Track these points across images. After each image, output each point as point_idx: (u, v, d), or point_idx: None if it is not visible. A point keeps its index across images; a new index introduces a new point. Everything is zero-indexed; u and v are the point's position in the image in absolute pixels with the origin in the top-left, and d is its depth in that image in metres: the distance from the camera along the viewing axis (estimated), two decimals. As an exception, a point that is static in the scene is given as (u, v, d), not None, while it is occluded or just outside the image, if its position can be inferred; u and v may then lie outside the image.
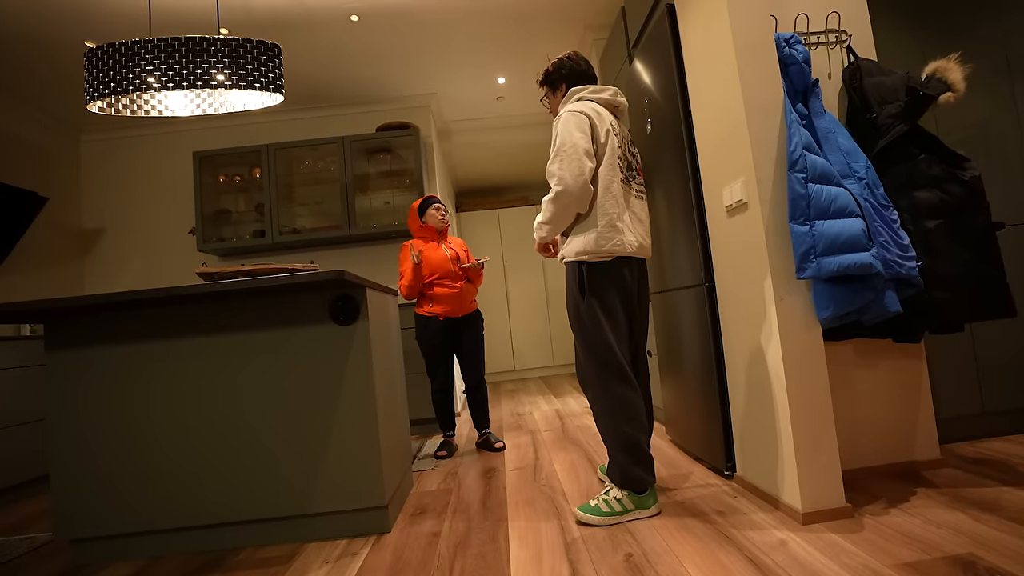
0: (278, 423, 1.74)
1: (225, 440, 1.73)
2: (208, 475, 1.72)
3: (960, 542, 1.29)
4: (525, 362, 6.16)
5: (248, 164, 3.88)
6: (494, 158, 5.73)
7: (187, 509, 1.72)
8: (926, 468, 1.81)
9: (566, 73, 1.84)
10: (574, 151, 1.62)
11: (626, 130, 1.82)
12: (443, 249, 2.72)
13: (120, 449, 1.73)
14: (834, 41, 1.84)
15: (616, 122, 1.76)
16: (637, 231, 1.71)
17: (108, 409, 1.74)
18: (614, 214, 1.65)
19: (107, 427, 1.74)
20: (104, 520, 1.71)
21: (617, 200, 1.66)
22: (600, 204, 1.66)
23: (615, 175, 1.67)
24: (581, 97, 1.77)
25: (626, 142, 1.78)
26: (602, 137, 1.67)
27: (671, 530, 1.53)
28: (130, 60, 2.17)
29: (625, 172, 1.72)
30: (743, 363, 1.75)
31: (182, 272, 4.06)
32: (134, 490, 1.72)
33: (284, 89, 2.38)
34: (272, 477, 1.72)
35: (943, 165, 1.60)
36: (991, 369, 2.05)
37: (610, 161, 1.67)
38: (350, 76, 3.85)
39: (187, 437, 1.74)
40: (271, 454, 1.73)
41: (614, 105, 1.79)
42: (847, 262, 1.43)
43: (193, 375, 1.76)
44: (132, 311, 1.77)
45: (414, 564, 1.48)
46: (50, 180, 3.82)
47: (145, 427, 1.74)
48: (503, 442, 2.77)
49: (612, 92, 1.79)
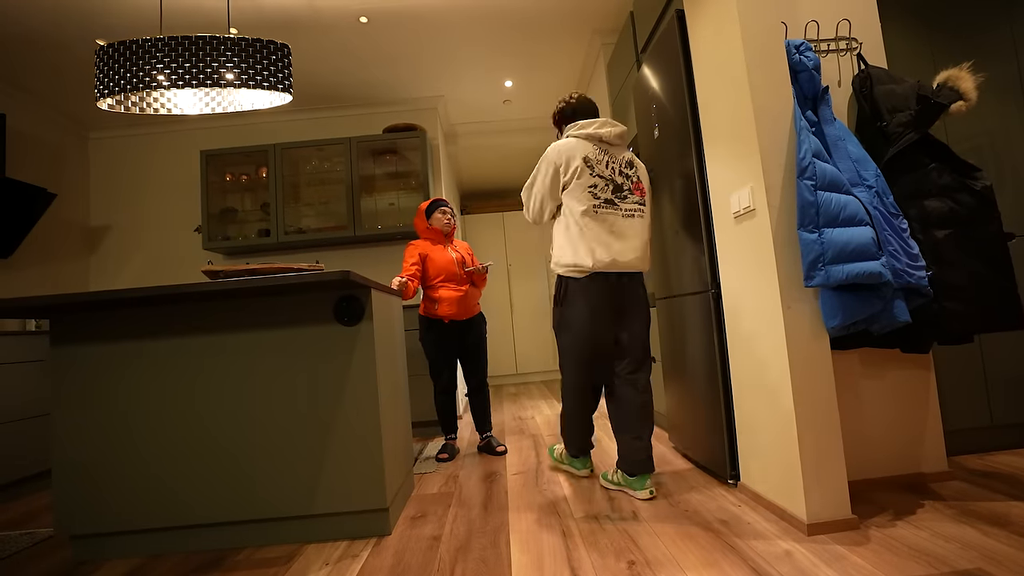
0: (280, 423, 1.74)
1: (227, 439, 1.73)
2: (209, 474, 1.72)
3: (968, 556, 1.27)
4: (528, 366, 6.14)
5: (255, 163, 3.89)
6: (500, 161, 5.74)
7: (188, 507, 1.71)
8: (933, 480, 1.78)
9: (570, 112, 2.13)
10: (537, 202, 2.07)
11: (622, 152, 2.05)
12: (449, 252, 2.72)
13: (123, 446, 1.73)
14: (844, 48, 1.83)
15: (599, 150, 2.00)
16: (612, 248, 1.93)
17: (111, 406, 1.74)
18: (580, 238, 1.93)
19: (110, 424, 1.74)
20: (105, 517, 1.71)
21: (584, 225, 1.93)
22: (569, 229, 1.96)
23: (586, 202, 1.94)
24: (569, 134, 2.05)
25: (618, 165, 2.01)
26: (569, 174, 1.95)
27: (674, 538, 1.52)
28: (140, 58, 2.18)
29: (609, 195, 1.96)
30: (749, 371, 1.74)
31: (187, 270, 4.07)
32: (136, 487, 1.72)
33: (292, 89, 2.38)
34: (273, 477, 1.72)
35: (954, 175, 1.59)
36: (1000, 381, 2.03)
37: (579, 191, 1.94)
38: (358, 77, 3.86)
39: (189, 435, 1.73)
40: (273, 454, 1.72)
41: (597, 137, 2.02)
42: (856, 271, 1.42)
43: (197, 373, 1.75)
44: (138, 308, 1.77)
45: (414, 568, 1.47)
46: (59, 177, 3.85)
47: (147, 425, 1.74)
48: (504, 446, 2.76)
49: (597, 126, 2.02)
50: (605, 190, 1.95)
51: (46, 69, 3.33)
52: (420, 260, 2.64)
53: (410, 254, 2.67)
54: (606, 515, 1.74)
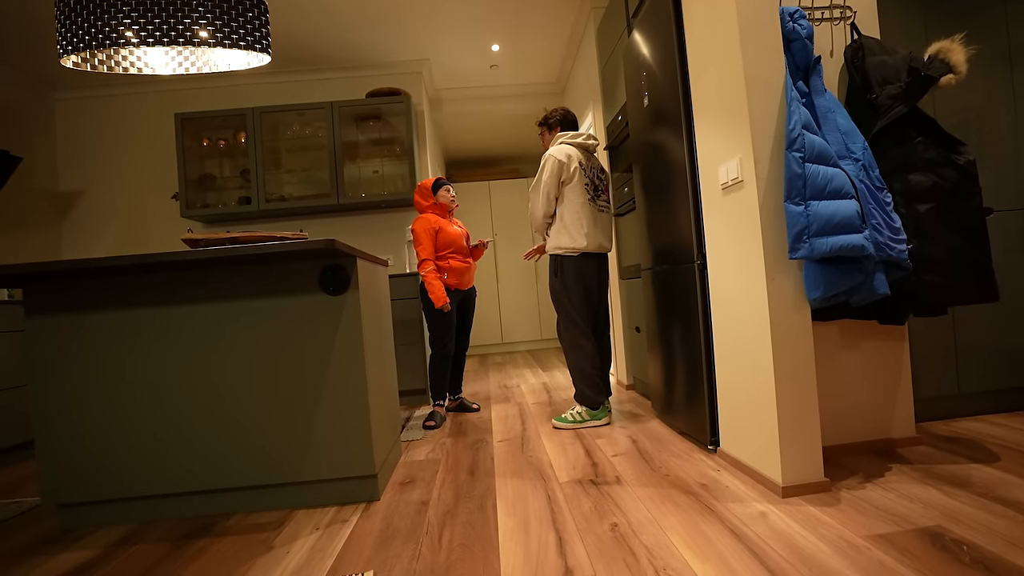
0: (267, 392, 1.73)
1: (213, 408, 1.73)
2: (196, 443, 1.72)
3: (930, 515, 1.34)
4: (513, 335, 6.20)
5: (233, 128, 3.76)
6: (486, 128, 5.63)
7: (175, 476, 1.72)
8: (902, 445, 1.87)
9: (559, 119, 2.63)
10: (546, 193, 2.47)
11: (596, 160, 2.59)
12: (454, 227, 2.90)
13: (105, 416, 1.72)
14: (838, 17, 1.81)
15: (585, 156, 2.52)
16: (598, 235, 2.49)
17: (92, 376, 1.72)
18: (579, 225, 2.44)
19: (91, 394, 1.72)
20: (91, 485, 1.71)
21: (582, 215, 2.45)
22: (571, 217, 2.45)
23: (583, 196, 2.46)
24: (563, 141, 2.54)
25: (595, 171, 2.55)
26: (570, 172, 2.45)
27: (656, 501, 1.58)
28: (106, 12, 2.06)
29: (591, 193, 2.50)
30: (732, 341, 1.77)
31: (165, 238, 3.97)
32: (121, 457, 1.72)
33: (271, 50, 2.28)
34: (262, 445, 1.73)
35: (939, 149, 1.60)
36: (969, 351, 2.11)
37: (578, 187, 2.45)
38: (339, 39, 3.71)
39: (174, 405, 1.72)
40: (261, 422, 1.73)
41: (585, 146, 2.55)
42: (840, 243, 1.44)
43: (180, 343, 1.73)
44: (116, 277, 1.73)
45: (403, 531, 1.51)
46: (23, 139, 3.67)
47: (129, 394, 1.72)
48: (478, 404, 3.12)
49: (585, 136, 2.56)
50: (589, 189, 2.49)
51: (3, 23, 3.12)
52: (435, 234, 2.78)
53: (428, 234, 2.75)
54: (590, 479, 1.80)
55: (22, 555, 1.55)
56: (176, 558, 1.46)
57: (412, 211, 4.02)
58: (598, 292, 2.54)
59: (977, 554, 1.14)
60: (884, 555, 1.17)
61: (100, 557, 1.50)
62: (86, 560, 1.49)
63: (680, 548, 1.29)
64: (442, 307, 2.66)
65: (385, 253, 4.04)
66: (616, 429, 2.41)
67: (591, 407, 2.46)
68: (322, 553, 1.41)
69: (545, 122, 2.67)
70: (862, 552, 1.19)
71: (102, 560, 1.48)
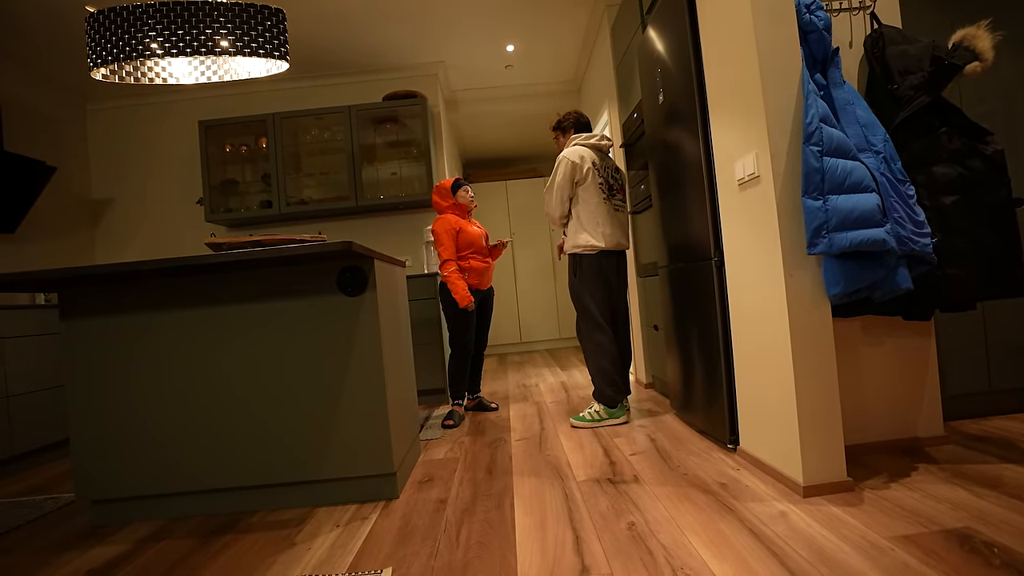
0: (288, 391, 1.78)
1: (237, 407, 1.78)
2: (222, 441, 1.77)
3: (958, 516, 1.30)
4: (532, 335, 6.20)
5: (254, 134, 3.85)
6: (502, 128, 5.64)
7: (203, 473, 1.77)
8: (929, 445, 1.82)
9: (572, 122, 2.67)
10: (560, 195, 2.51)
11: (610, 160, 2.62)
12: (474, 227, 2.92)
13: (137, 416, 1.78)
14: (857, 7, 1.77)
15: (599, 157, 2.55)
16: (615, 233, 2.51)
17: (124, 376, 1.78)
18: (596, 223, 2.47)
19: (123, 394, 1.78)
20: (123, 482, 1.77)
21: (598, 214, 2.48)
22: (587, 217, 2.48)
23: (598, 196, 2.49)
24: (577, 143, 2.57)
25: (609, 170, 2.57)
26: (583, 173, 2.47)
27: (674, 500, 1.56)
28: (132, 26, 2.13)
29: (606, 192, 2.52)
30: (750, 338, 1.75)
31: (191, 242, 4.09)
32: (152, 455, 1.78)
33: (289, 56, 2.33)
34: (284, 444, 1.77)
35: (964, 138, 1.56)
36: (1000, 347, 2.04)
37: (592, 187, 2.48)
38: (356, 43, 3.77)
39: (200, 404, 1.78)
40: (282, 421, 1.77)
41: (599, 147, 2.58)
42: (860, 238, 1.41)
43: (205, 343, 1.79)
44: (145, 280, 1.79)
45: (422, 529, 1.53)
46: (58, 150, 3.82)
47: (157, 394, 1.78)
48: (496, 403, 3.12)
49: (598, 137, 2.59)
50: (604, 188, 2.51)
51: (39, 38, 3.26)
52: (455, 235, 2.79)
53: (449, 235, 2.76)
54: (607, 478, 1.79)
55: (58, 550, 1.62)
56: (202, 553, 1.50)
57: (430, 212, 4.06)
58: (617, 290, 2.56)
59: (1008, 557, 1.11)
60: (908, 556, 1.15)
61: (130, 552, 1.56)
62: (116, 554, 1.54)
63: (698, 547, 1.28)
64: (467, 306, 2.69)
65: (403, 254, 4.08)
66: (634, 428, 2.40)
67: (609, 405, 2.46)
68: (342, 550, 1.44)
69: (559, 126, 2.72)
70: (885, 553, 1.17)
71: (131, 555, 1.53)
